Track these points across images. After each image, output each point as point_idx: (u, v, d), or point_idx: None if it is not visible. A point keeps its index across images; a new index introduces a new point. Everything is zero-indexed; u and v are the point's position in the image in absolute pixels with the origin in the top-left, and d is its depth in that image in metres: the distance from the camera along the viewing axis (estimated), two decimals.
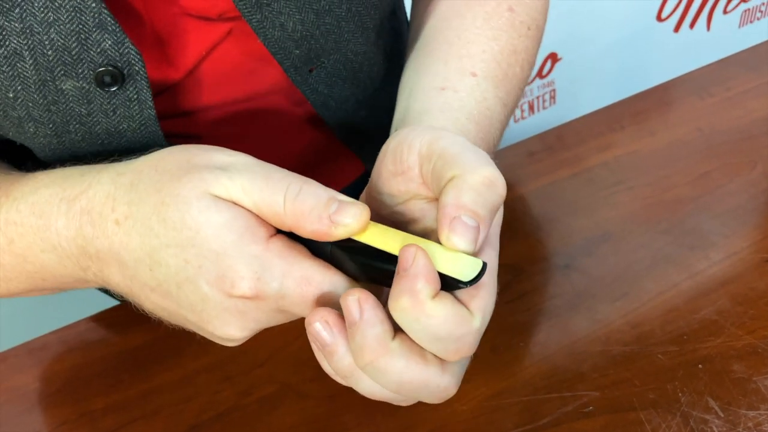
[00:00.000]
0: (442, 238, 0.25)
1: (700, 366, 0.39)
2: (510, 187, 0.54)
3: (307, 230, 0.27)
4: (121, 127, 0.34)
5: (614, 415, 0.38)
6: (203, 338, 0.31)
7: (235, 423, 0.42)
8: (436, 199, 0.28)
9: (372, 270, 0.27)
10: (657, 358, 0.40)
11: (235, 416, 0.42)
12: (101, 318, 0.51)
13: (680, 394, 0.38)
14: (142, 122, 0.34)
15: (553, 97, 1.36)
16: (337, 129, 0.44)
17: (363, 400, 0.41)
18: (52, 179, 0.31)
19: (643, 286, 0.44)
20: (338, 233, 0.26)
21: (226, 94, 0.40)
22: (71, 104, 0.33)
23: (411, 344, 0.25)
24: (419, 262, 0.24)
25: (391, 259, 0.26)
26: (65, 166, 0.33)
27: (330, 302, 0.27)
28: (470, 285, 0.25)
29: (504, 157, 0.57)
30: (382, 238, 0.27)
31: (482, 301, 0.25)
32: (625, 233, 0.47)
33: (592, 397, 0.39)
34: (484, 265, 0.25)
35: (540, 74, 1.33)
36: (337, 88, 0.41)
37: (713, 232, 0.46)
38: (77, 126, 0.34)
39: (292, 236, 0.28)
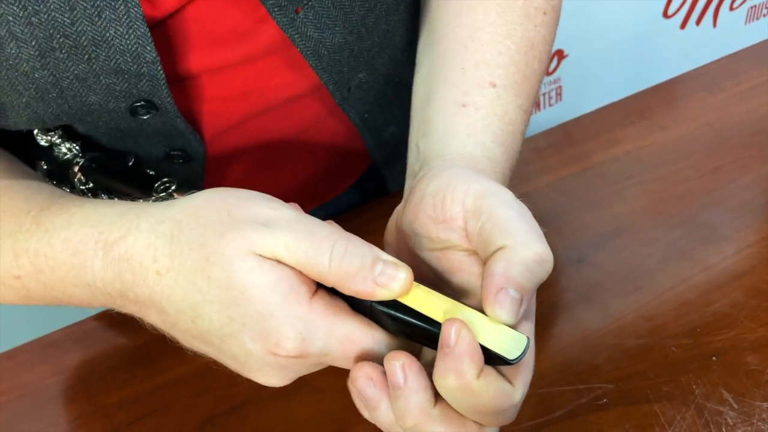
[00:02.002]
0: (487, 307, 0.26)
1: (713, 358, 0.39)
2: (519, 183, 0.54)
3: (351, 290, 0.27)
4: (107, 34, 0.33)
5: (628, 407, 0.38)
6: None
7: (249, 416, 0.42)
8: (476, 254, 0.29)
9: (412, 330, 0.28)
10: (671, 350, 0.40)
11: (249, 409, 0.43)
12: (113, 313, 0.51)
13: (694, 387, 0.38)
14: (129, 24, 0.33)
15: (559, 94, 1.36)
16: (333, 89, 0.42)
17: None
18: (86, 216, 0.31)
19: (655, 279, 0.44)
20: (382, 295, 0.27)
21: (222, 57, 0.39)
22: (53, 13, 0.32)
23: (452, 412, 0.27)
24: (464, 341, 0.25)
25: (431, 323, 0.27)
26: (89, 196, 0.32)
27: (371, 358, 0.28)
28: (515, 363, 0.26)
29: None
30: (424, 302, 0.27)
31: (524, 375, 0.27)
32: (637, 227, 0.48)
33: (606, 389, 0.39)
34: (528, 341, 0.26)
35: (546, 71, 1.33)
36: (328, 32, 0.39)
37: (725, 226, 0.46)
38: (61, 40, 0.33)
39: (332, 288, 0.28)
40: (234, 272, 0.27)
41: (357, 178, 0.56)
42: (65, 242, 0.31)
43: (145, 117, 0.37)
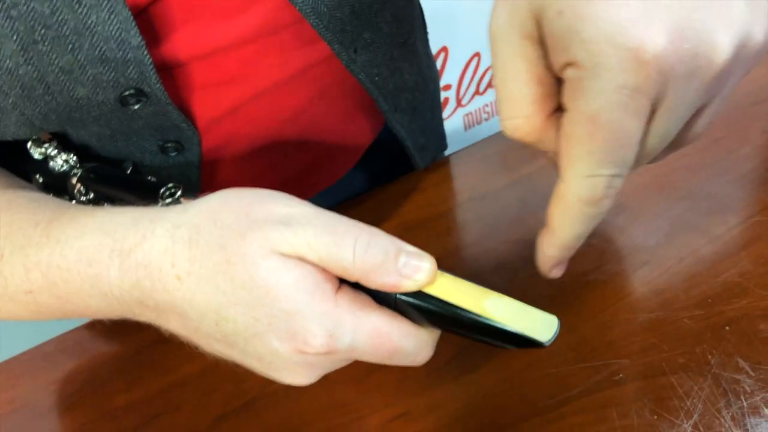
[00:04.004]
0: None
1: (727, 328, 0.39)
2: (521, 165, 0.54)
3: (375, 283, 0.27)
4: (89, 21, 0.32)
5: (645, 381, 0.37)
6: None
7: (261, 411, 0.42)
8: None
9: (439, 319, 0.28)
10: (683, 322, 0.40)
11: (261, 404, 0.42)
12: (107, 321, 0.50)
13: (710, 357, 0.38)
14: (111, 9, 0.32)
15: None
16: (338, 49, 0.41)
17: (390, 382, 0.41)
18: (99, 225, 0.30)
19: (663, 253, 0.44)
20: (407, 286, 0.27)
21: (210, 42, 0.38)
22: (32, 3, 0.31)
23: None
24: None
25: (458, 311, 0.27)
26: (100, 206, 0.31)
27: (399, 351, 0.28)
28: (548, 345, 0.26)
29: None
30: (450, 290, 0.27)
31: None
32: (641, 203, 0.47)
33: (622, 364, 0.38)
34: (559, 321, 0.26)
35: None
36: None
37: (729, 196, 0.46)
38: (43, 31, 0.32)
39: (355, 284, 0.28)
40: (257, 272, 0.26)
41: (357, 160, 0.55)
42: (79, 252, 0.30)
43: (135, 107, 0.36)
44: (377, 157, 0.57)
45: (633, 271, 0.43)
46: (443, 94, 1.31)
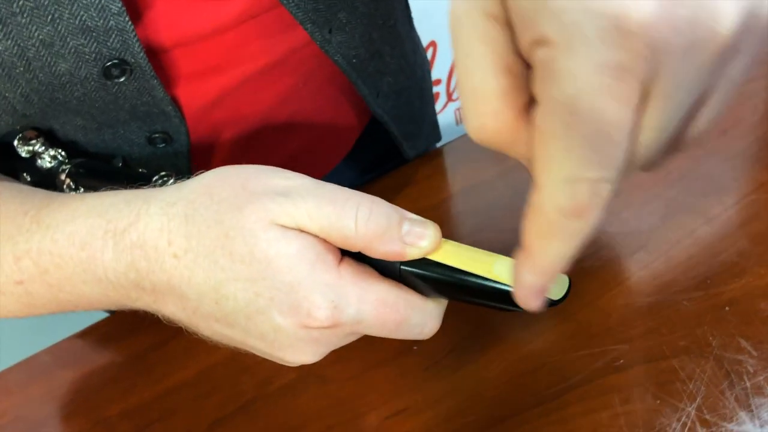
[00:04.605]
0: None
1: (727, 308, 0.38)
2: None
3: (379, 252, 0.26)
4: None
5: (646, 365, 0.37)
6: None
7: (259, 413, 0.41)
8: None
9: (446, 287, 0.27)
10: (683, 305, 0.39)
11: (258, 406, 0.41)
12: (108, 324, 0.50)
13: (710, 338, 0.37)
14: None
15: None
16: (311, 28, 0.40)
17: (387, 379, 0.40)
18: (91, 208, 0.29)
19: (659, 236, 0.43)
20: (412, 254, 0.26)
21: (192, 29, 0.38)
22: None
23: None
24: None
25: (463, 275, 0.26)
26: (91, 191, 0.31)
27: (405, 322, 0.27)
28: (560, 303, 0.25)
29: None
30: (455, 257, 0.26)
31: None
32: (635, 186, 0.47)
33: (622, 350, 0.38)
34: (570, 280, 0.25)
35: None
36: None
37: (724, 176, 0.46)
38: (22, 2, 0.31)
39: (358, 256, 0.27)
40: (257, 245, 0.25)
41: (348, 149, 0.55)
42: (71, 236, 0.29)
43: (120, 80, 0.35)
44: (369, 148, 0.57)
45: (629, 255, 0.43)
46: (433, 89, 1.31)
